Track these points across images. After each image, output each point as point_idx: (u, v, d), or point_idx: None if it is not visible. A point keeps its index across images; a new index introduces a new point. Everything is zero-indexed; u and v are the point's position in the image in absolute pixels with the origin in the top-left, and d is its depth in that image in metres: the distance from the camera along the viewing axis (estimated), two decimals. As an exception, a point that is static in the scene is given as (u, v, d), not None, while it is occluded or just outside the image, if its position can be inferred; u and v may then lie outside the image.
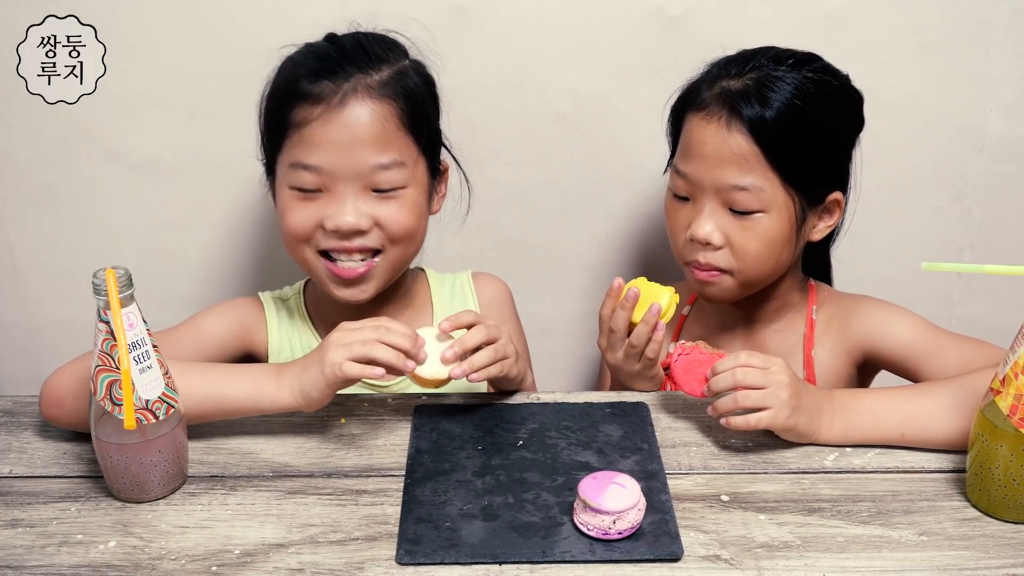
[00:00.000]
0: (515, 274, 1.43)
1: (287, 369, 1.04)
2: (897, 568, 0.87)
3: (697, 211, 1.17)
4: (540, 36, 1.41)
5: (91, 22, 1.36)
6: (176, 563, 0.88)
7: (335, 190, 1.12)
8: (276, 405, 1.03)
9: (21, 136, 1.44)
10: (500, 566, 0.87)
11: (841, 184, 1.20)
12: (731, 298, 1.22)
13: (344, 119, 1.10)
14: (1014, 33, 1.41)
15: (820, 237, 1.22)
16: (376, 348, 0.99)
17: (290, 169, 1.12)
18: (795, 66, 1.14)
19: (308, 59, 1.14)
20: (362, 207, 1.12)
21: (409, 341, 1.01)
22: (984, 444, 0.92)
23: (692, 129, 1.17)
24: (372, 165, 1.11)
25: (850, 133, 1.20)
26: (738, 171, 1.13)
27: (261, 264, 1.55)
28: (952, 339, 1.16)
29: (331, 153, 1.10)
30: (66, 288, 1.53)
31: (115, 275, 0.89)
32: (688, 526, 0.92)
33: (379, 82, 1.12)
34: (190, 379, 1.02)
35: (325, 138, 1.10)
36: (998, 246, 1.55)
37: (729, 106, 1.13)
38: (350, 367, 0.99)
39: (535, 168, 1.49)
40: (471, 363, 1.05)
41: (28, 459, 1.03)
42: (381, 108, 1.11)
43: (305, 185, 1.12)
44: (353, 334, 1.01)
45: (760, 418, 1.00)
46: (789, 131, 1.12)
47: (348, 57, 1.12)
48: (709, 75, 1.19)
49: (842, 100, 1.17)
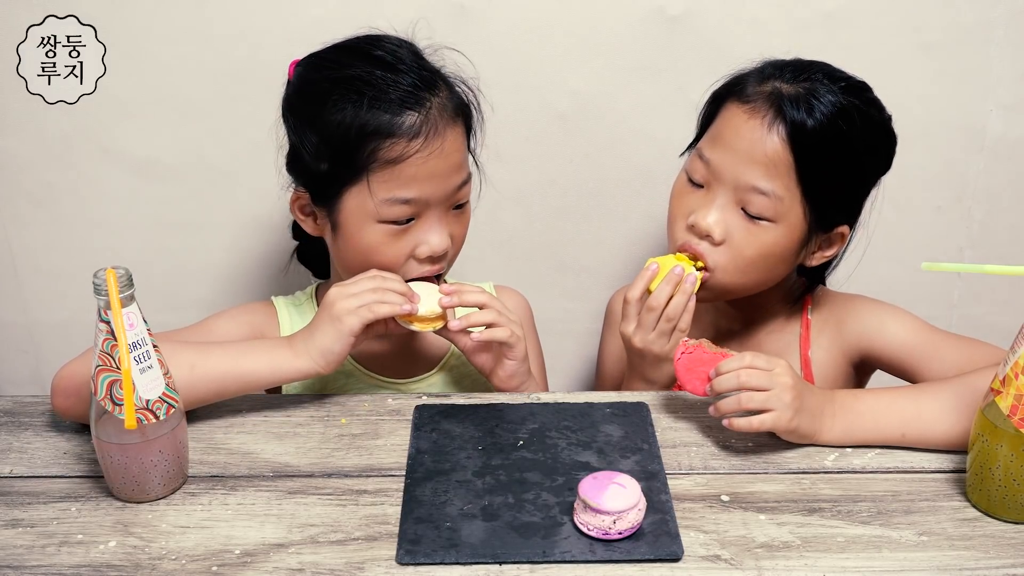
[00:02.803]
0: (514, 274, 1.43)
1: (296, 338, 1.08)
2: (897, 568, 0.87)
3: (708, 200, 1.16)
4: (540, 36, 1.41)
5: (91, 22, 1.37)
6: (176, 563, 0.88)
7: (425, 215, 1.12)
8: (295, 371, 1.07)
9: (21, 136, 1.44)
10: (500, 566, 0.87)
11: (852, 219, 1.20)
12: (712, 299, 1.21)
13: (442, 150, 1.09)
14: (1014, 33, 1.41)
15: (814, 265, 1.21)
16: (380, 294, 1.07)
17: (384, 204, 1.09)
18: (846, 90, 1.13)
19: (376, 88, 1.08)
20: (447, 228, 1.14)
21: (404, 286, 1.09)
22: (984, 444, 0.92)
23: (731, 118, 1.15)
24: (459, 184, 1.13)
25: (877, 170, 1.19)
26: (764, 173, 1.12)
27: (262, 264, 1.55)
28: (948, 339, 1.16)
29: (430, 184, 1.10)
30: (66, 288, 1.53)
31: (115, 275, 0.89)
32: (688, 526, 0.92)
33: (447, 100, 1.12)
34: (206, 358, 1.05)
35: (427, 171, 1.09)
36: (998, 246, 1.55)
37: (776, 107, 1.11)
38: (365, 312, 1.05)
39: (535, 168, 1.49)
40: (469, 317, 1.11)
41: (28, 459, 1.03)
42: (459, 128, 1.13)
43: (402, 218, 1.11)
44: (354, 286, 1.08)
45: (763, 420, 1.00)
46: (825, 148, 1.11)
47: (412, 80, 1.09)
48: (762, 72, 1.17)
49: (880, 135, 1.16)
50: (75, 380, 1.02)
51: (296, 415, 1.10)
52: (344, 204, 1.11)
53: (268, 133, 1.19)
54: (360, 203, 1.10)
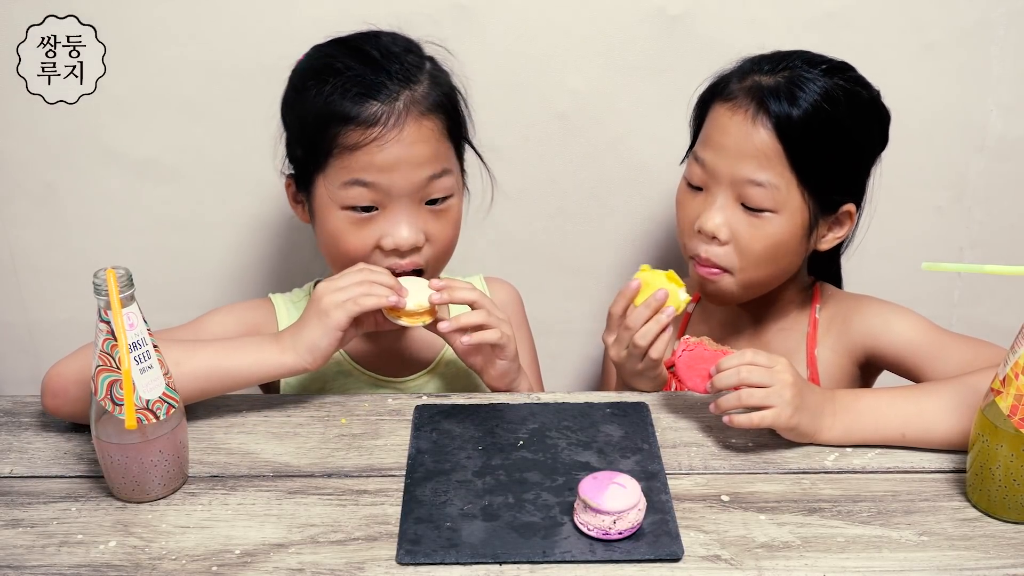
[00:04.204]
0: (514, 274, 1.43)
1: (283, 334, 1.08)
2: (897, 568, 0.87)
3: (709, 202, 1.17)
4: (540, 36, 1.41)
5: (91, 22, 1.37)
6: (176, 563, 0.88)
7: (391, 207, 1.11)
8: (282, 367, 1.06)
9: (21, 136, 1.44)
10: (500, 566, 0.87)
11: (856, 197, 1.20)
12: (731, 299, 1.22)
13: (401, 140, 1.09)
14: (1014, 33, 1.41)
15: (827, 247, 1.22)
16: (366, 287, 1.06)
17: (342, 187, 1.10)
18: (828, 72, 1.14)
19: (345, 77, 1.09)
20: (416, 222, 1.12)
21: (392, 280, 1.08)
22: (984, 444, 0.92)
23: (717, 118, 1.17)
24: (427, 177, 1.11)
25: (873, 147, 1.20)
26: (757, 165, 1.13)
27: (262, 263, 1.55)
28: (954, 339, 1.16)
29: (388, 173, 1.09)
30: (66, 288, 1.53)
31: (115, 275, 0.89)
32: (688, 526, 0.92)
33: (423, 95, 1.11)
34: (193, 355, 1.04)
35: (382, 160, 1.09)
36: (998, 246, 1.55)
37: (757, 100, 1.13)
38: (351, 306, 1.05)
39: (535, 168, 1.49)
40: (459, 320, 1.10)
41: (28, 459, 1.03)
42: (431, 123, 1.12)
43: (361, 202, 1.10)
44: (340, 280, 1.07)
45: (764, 416, 1.00)
46: (813, 133, 1.12)
47: (388, 72, 1.10)
48: (741, 69, 1.18)
49: (870, 113, 1.17)
50: (63, 379, 1.02)
51: (296, 415, 1.10)
52: (316, 190, 1.14)
53: (269, 133, 1.19)
54: (327, 189, 1.12)
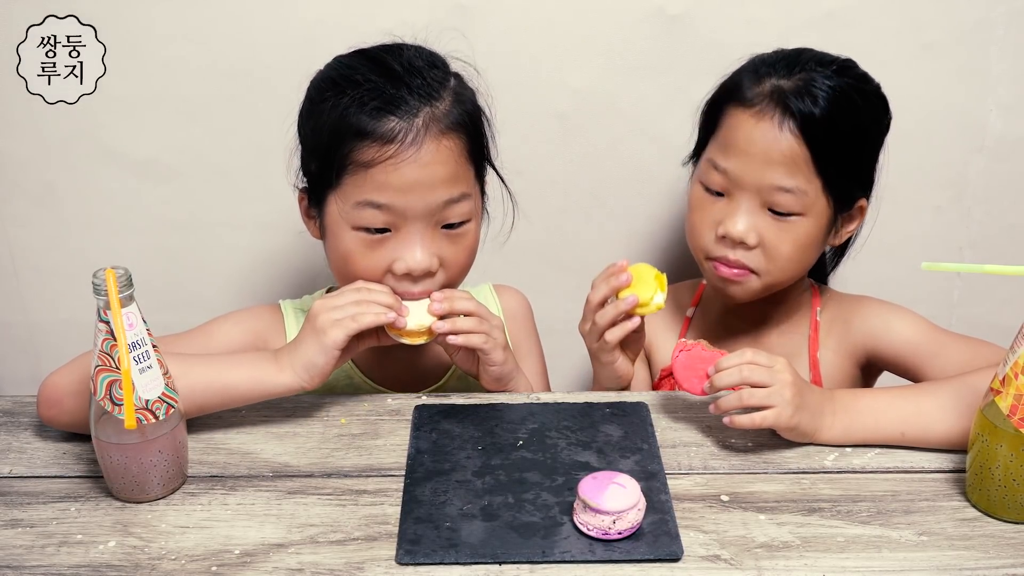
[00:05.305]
0: (514, 274, 1.43)
1: (282, 352, 1.06)
2: (897, 568, 0.87)
3: (733, 208, 1.16)
4: (540, 35, 1.41)
5: (91, 22, 1.36)
6: (176, 563, 0.88)
7: (405, 229, 1.07)
8: (278, 386, 1.04)
9: (21, 136, 1.44)
10: (500, 566, 0.87)
11: (867, 189, 1.21)
12: (752, 298, 1.22)
13: (418, 160, 1.04)
14: (1014, 33, 1.41)
15: (840, 242, 1.24)
16: (363, 306, 1.05)
17: (355, 207, 1.06)
18: (839, 71, 1.14)
19: (364, 89, 1.05)
20: (431, 247, 1.08)
21: (390, 298, 1.07)
22: (984, 444, 0.92)
23: (738, 125, 1.15)
24: (444, 200, 1.07)
25: (881, 137, 1.20)
26: (785, 172, 1.13)
27: (262, 264, 1.55)
28: (953, 339, 1.16)
29: (403, 194, 1.05)
30: (66, 288, 1.53)
31: (115, 275, 0.89)
32: (688, 526, 0.92)
33: (444, 113, 1.07)
34: (189, 370, 1.02)
35: (398, 180, 1.04)
36: (998, 246, 1.55)
37: (783, 105, 1.12)
38: (348, 323, 1.03)
39: (535, 168, 1.49)
40: (454, 323, 1.08)
41: (28, 459, 1.03)
42: (451, 143, 1.07)
43: (373, 224, 1.06)
44: (338, 299, 1.06)
45: (764, 416, 1.00)
46: (836, 134, 1.12)
47: (409, 87, 1.05)
48: (755, 72, 1.17)
49: (877, 105, 1.18)
50: (59, 391, 1.02)
51: (296, 415, 1.10)
52: (328, 207, 1.09)
53: (269, 133, 1.19)
54: (339, 207, 1.08)
